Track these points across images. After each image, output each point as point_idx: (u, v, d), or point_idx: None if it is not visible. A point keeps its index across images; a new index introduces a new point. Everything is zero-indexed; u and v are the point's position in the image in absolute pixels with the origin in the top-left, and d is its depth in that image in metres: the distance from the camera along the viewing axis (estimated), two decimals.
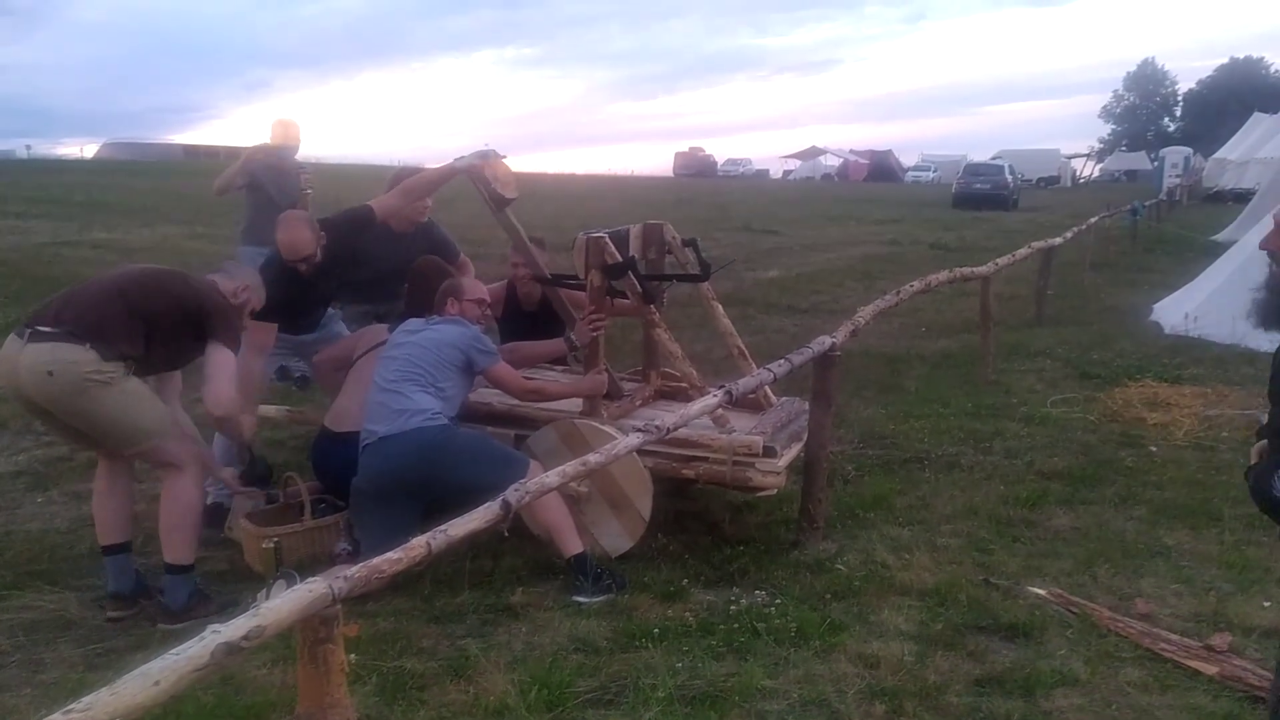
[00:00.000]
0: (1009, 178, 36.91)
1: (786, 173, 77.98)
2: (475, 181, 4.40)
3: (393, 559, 2.05)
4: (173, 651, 1.58)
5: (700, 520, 4.84)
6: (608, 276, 4.40)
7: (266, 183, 6.50)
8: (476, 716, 3.09)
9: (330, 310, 4.87)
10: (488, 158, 4.38)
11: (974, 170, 38.57)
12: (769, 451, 4.24)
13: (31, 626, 3.65)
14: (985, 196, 34.65)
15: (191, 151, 74.49)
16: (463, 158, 4.45)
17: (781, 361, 4.13)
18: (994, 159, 44.52)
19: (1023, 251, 9.74)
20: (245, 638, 1.67)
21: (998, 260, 8.55)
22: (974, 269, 7.95)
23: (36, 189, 25.76)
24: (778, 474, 4.26)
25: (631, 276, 4.44)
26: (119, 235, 15.75)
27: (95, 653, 3.50)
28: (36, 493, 4.89)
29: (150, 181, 30.21)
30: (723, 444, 4.27)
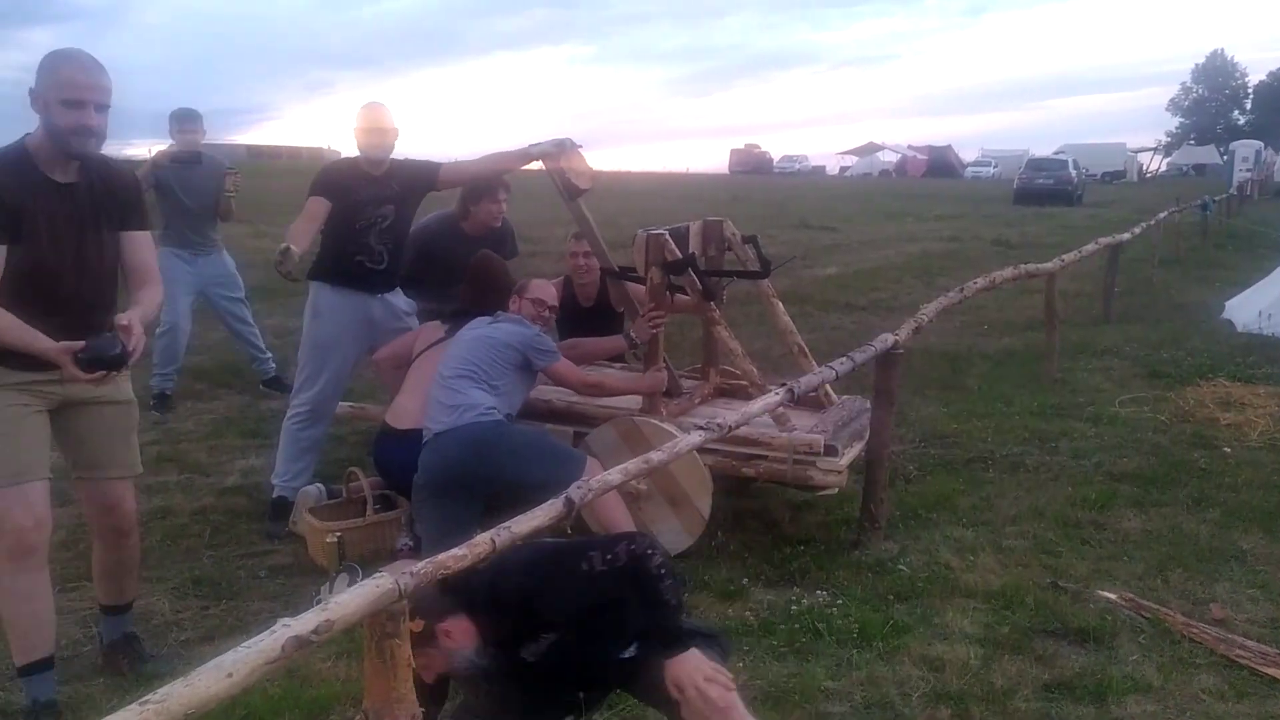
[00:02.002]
0: (1073, 173, 36.12)
1: (843, 169, 77.27)
2: (550, 170, 4.42)
3: (458, 555, 2.05)
4: (244, 644, 1.60)
5: (760, 519, 4.80)
6: (668, 273, 4.38)
7: (174, 186, 6.42)
8: None
9: (405, 307, 4.88)
10: (564, 148, 4.39)
11: (1037, 165, 37.83)
12: (830, 450, 4.20)
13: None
14: (1048, 192, 33.96)
15: (255, 152, 75.78)
16: (539, 144, 4.46)
17: (843, 359, 4.08)
18: (1057, 153, 43.55)
19: (1089, 248, 9.51)
20: (314, 632, 1.68)
21: (1063, 257, 8.36)
22: (1039, 265, 7.79)
23: None
24: (839, 473, 4.21)
25: (692, 273, 4.42)
26: None
27: (164, 644, 3.57)
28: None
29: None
30: (783, 442, 4.24)
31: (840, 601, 3.83)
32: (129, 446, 3.24)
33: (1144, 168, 63.14)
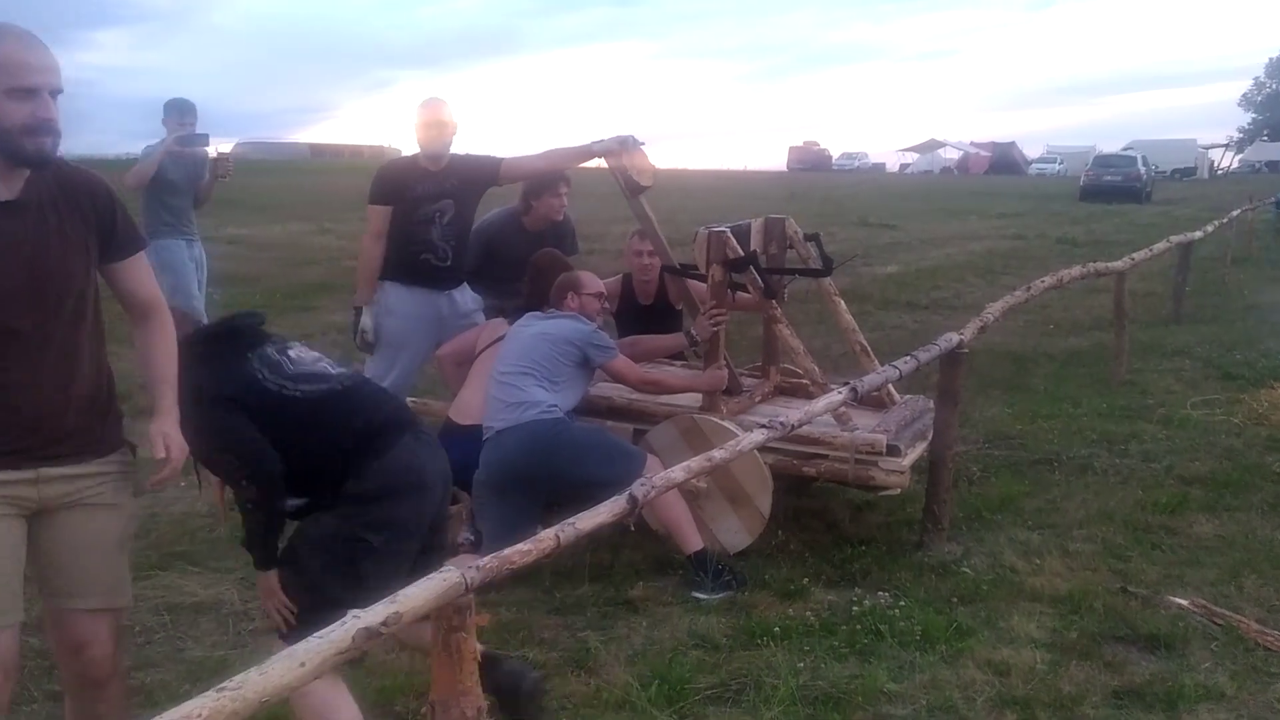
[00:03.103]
0: (1141, 169, 35.29)
1: (903, 166, 76.36)
2: (612, 167, 4.43)
3: (523, 550, 2.06)
4: (317, 635, 1.63)
5: (820, 518, 4.77)
6: (730, 271, 4.37)
7: (180, 174, 6.44)
8: (598, 709, 3.10)
9: (472, 304, 4.93)
10: (627, 145, 4.40)
11: (1104, 162, 37.04)
12: (893, 450, 4.15)
13: (174, 606, 3.81)
14: (1116, 189, 33.21)
15: (317, 150, 77.16)
16: (601, 141, 4.47)
17: (907, 358, 4.04)
18: (1126, 150, 42.61)
19: (1160, 246, 9.29)
20: (384, 623, 1.70)
21: (1133, 255, 8.20)
22: (1108, 264, 7.63)
23: None
24: (902, 473, 4.17)
25: (753, 271, 4.41)
26: (250, 231, 16.40)
27: (235, 632, 3.64)
28: (179, 477, 5.08)
29: (279, 179, 31.45)
30: (845, 442, 4.20)
31: (902, 603, 3.79)
32: (112, 566, 2.46)
33: (1215, 164, 61.58)
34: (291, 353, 2.82)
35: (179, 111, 6.49)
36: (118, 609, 2.50)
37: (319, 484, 2.65)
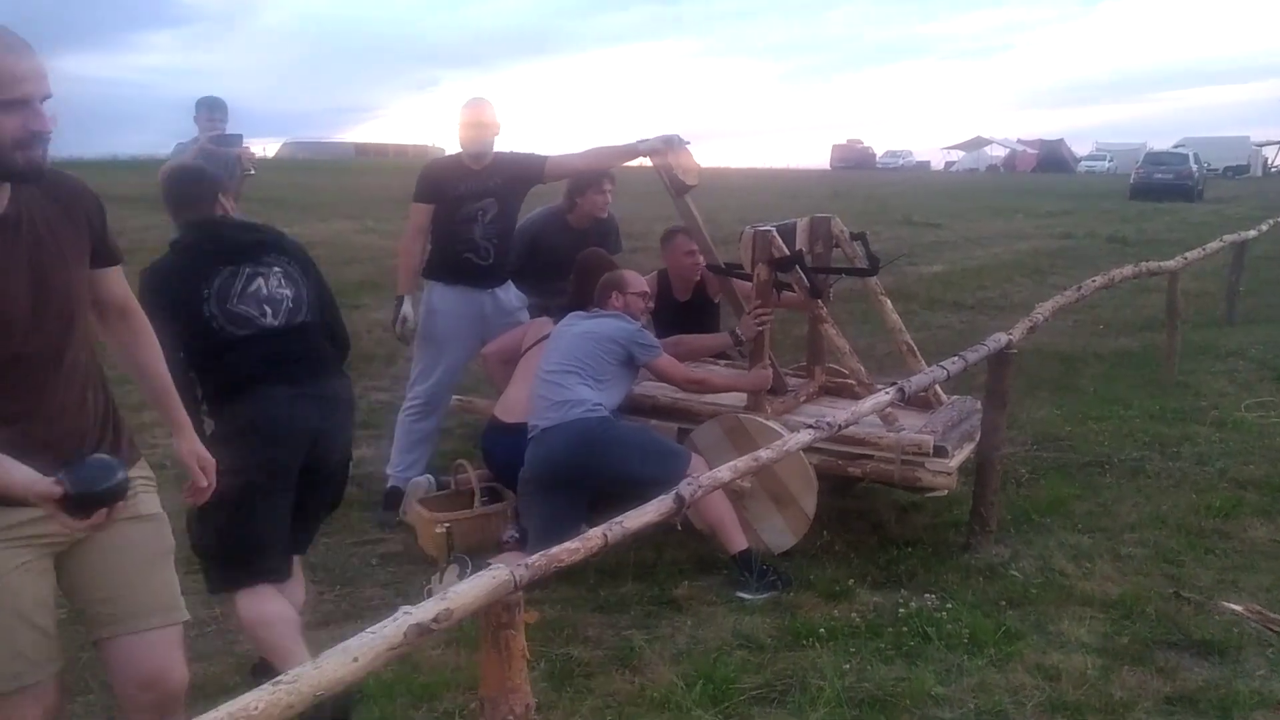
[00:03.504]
0: (1193, 167, 34.63)
1: (948, 164, 75.56)
2: (658, 166, 4.43)
3: (571, 548, 2.07)
4: (369, 630, 1.65)
5: (865, 519, 4.74)
6: (775, 270, 4.35)
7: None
8: (643, 707, 3.11)
9: (517, 302, 4.96)
10: (672, 144, 4.40)
11: (1155, 159, 36.37)
12: (940, 451, 4.12)
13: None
14: (1167, 187, 32.61)
15: (362, 150, 77.86)
16: (646, 140, 4.48)
17: (955, 358, 4.00)
18: (1177, 147, 41.86)
19: (1213, 245, 9.11)
20: (435, 620, 1.72)
21: (1186, 254, 8.06)
22: (1160, 263, 7.50)
23: None
24: (949, 474, 4.13)
25: (799, 270, 4.39)
26: (297, 229, 16.51)
27: None
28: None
29: (325, 179, 31.71)
30: (891, 442, 4.17)
31: (949, 606, 3.76)
32: (163, 579, 2.32)
33: (1269, 162, 60.27)
34: (255, 284, 3.00)
35: (209, 109, 6.61)
36: (179, 624, 2.36)
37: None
